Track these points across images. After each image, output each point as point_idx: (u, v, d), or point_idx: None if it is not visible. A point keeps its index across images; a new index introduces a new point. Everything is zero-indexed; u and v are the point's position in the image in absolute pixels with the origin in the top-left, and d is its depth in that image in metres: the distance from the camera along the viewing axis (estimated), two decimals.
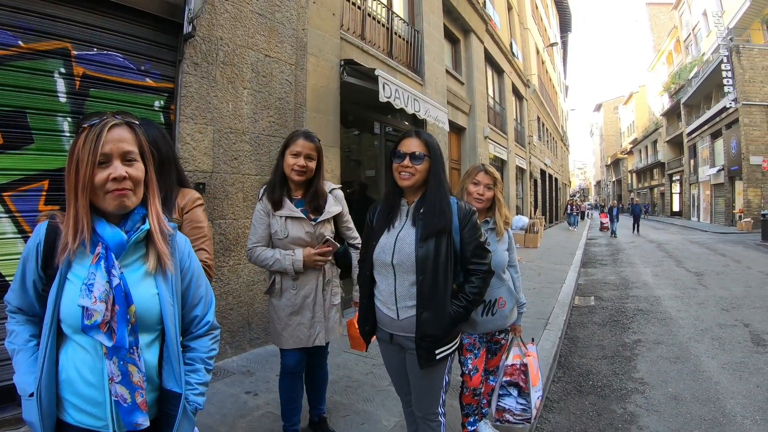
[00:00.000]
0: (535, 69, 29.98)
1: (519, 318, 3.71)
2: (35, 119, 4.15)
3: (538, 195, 31.23)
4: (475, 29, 15.93)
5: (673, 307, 8.93)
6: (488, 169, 3.46)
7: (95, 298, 1.56)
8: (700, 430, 4.17)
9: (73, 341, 1.64)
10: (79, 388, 1.62)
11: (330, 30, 7.65)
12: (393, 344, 2.75)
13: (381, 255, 2.66)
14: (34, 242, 1.69)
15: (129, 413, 1.62)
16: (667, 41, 49.67)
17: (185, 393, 1.76)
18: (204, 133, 5.40)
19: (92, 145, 1.59)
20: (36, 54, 4.16)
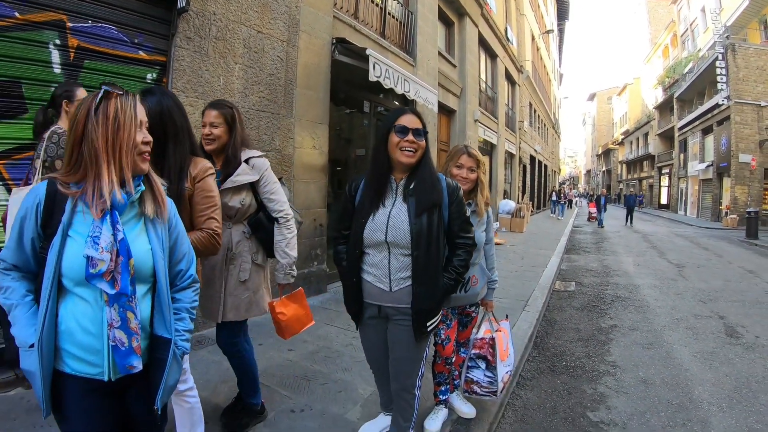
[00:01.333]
0: (530, 55, 29.97)
1: (490, 294, 3.86)
2: (30, 89, 4.24)
3: (526, 180, 31.39)
4: (470, 12, 15.94)
5: (651, 296, 9.11)
6: (471, 151, 3.52)
7: (101, 248, 1.72)
8: (666, 413, 4.30)
9: (73, 294, 1.78)
10: (79, 338, 1.77)
11: (323, 8, 7.73)
12: (380, 316, 2.86)
13: (373, 234, 2.73)
14: (33, 201, 1.81)
15: (125, 356, 1.77)
16: (664, 35, 49.59)
17: (174, 339, 1.93)
18: (195, 106, 5.47)
19: (133, 111, 1.80)
20: (31, 25, 4.23)
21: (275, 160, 6.61)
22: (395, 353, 2.90)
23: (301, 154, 7.11)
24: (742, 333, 6.77)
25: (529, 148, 30.88)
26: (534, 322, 6.64)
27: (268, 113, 6.51)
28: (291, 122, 6.95)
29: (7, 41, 4.10)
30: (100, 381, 1.79)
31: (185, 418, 2.86)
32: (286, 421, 3.68)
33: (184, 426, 2.88)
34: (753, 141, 29.25)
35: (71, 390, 1.80)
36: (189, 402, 2.84)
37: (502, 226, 19.32)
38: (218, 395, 4.05)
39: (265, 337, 5.35)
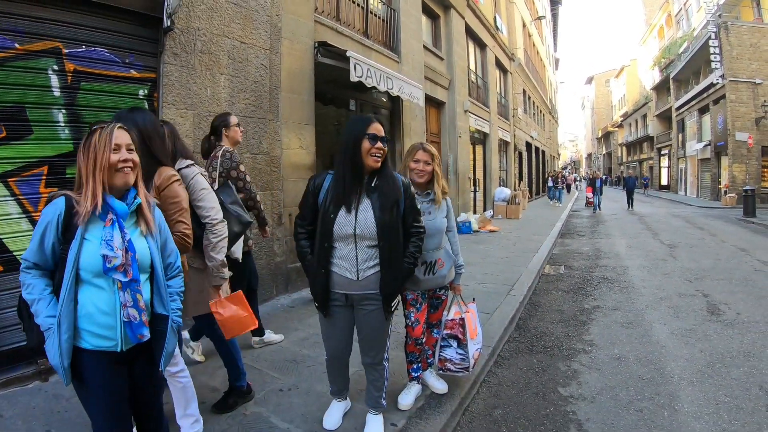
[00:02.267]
0: (521, 42, 29.97)
1: (458, 278, 4.24)
2: (33, 112, 4.68)
3: (523, 167, 31.48)
4: (455, 5, 16.09)
5: (638, 276, 9.30)
6: (426, 147, 3.91)
7: (116, 248, 2.26)
8: (636, 388, 4.50)
9: (90, 284, 2.28)
10: (97, 318, 2.28)
11: (304, 14, 8.10)
12: (346, 304, 3.29)
13: (342, 228, 3.08)
14: (54, 213, 2.29)
15: (138, 328, 2.32)
16: (659, 15, 49.36)
17: (170, 315, 2.50)
18: (185, 117, 5.93)
19: (107, 138, 2.31)
20: (31, 54, 4.67)
21: (264, 162, 7.04)
22: (365, 334, 3.37)
23: (288, 154, 7.50)
24: (724, 310, 6.89)
25: (524, 134, 30.92)
26: (517, 305, 6.90)
27: (255, 119, 6.93)
28: (278, 125, 7.34)
29: (10, 70, 4.52)
30: (113, 352, 2.31)
31: (180, 395, 3.32)
32: (275, 399, 4.10)
33: (179, 402, 3.34)
34: (749, 119, 29.35)
35: (91, 362, 2.30)
36: (181, 382, 3.30)
37: (498, 213, 19.56)
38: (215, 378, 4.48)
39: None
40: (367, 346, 3.42)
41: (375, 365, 3.47)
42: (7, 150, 4.51)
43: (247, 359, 4.87)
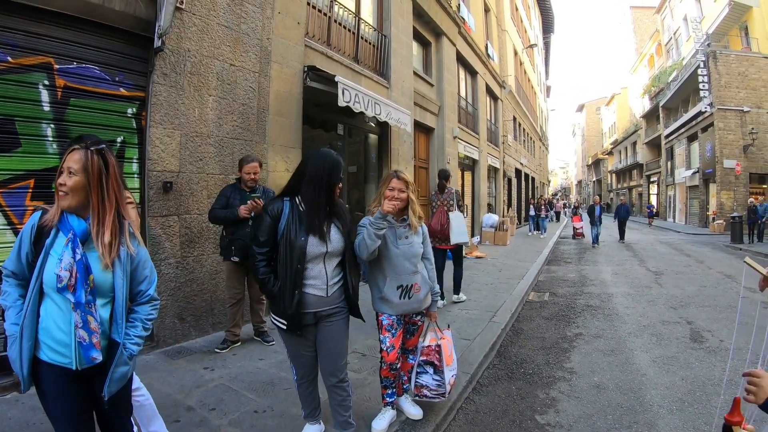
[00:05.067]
0: (512, 70, 30.31)
1: (433, 305, 4.31)
2: (22, 125, 4.80)
3: (512, 194, 31.61)
4: (446, 32, 16.24)
5: (622, 304, 9.31)
6: (400, 175, 4.00)
7: (62, 268, 2.29)
8: (614, 416, 4.49)
9: (50, 299, 2.35)
10: (54, 334, 2.33)
11: (294, 38, 8.24)
12: (313, 323, 3.43)
13: (316, 248, 3.28)
14: (30, 225, 2.41)
15: (87, 349, 2.33)
16: (649, 44, 50.16)
17: (123, 341, 2.48)
18: (172, 137, 6.03)
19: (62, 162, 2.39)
20: (22, 68, 4.80)
21: None
22: (329, 349, 3.49)
23: (274, 177, 7.55)
24: (707, 337, 6.93)
25: (513, 161, 31.10)
26: (498, 332, 6.90)
27: (242, 140, 7.02)
28: (264, 148, 7.44)
29: (1, 83, 4.63)
30: (69, 369, 2.35)
31: (141, 413, 3.38)
32: (249, 420, 4.14)
33: (141, 420, 3.40)
34: (737, 146, 29.65)
35: (48, 374, 2.36)
36: (138, 400, 3.34)
37: (485, 239, 19.53)
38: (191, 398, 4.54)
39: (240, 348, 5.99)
40: (332, 364, 3.53)
41: (341, 383, 3.57)
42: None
43: (224, 380, 4.98)
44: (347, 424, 3.65)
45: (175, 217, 6.12)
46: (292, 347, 3.57)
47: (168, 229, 6.02)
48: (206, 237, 6.50)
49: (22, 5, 4.73)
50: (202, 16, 6.41)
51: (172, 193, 6.03)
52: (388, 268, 3.94)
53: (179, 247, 6.16)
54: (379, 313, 4.01)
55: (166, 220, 5.99)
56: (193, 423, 4.05)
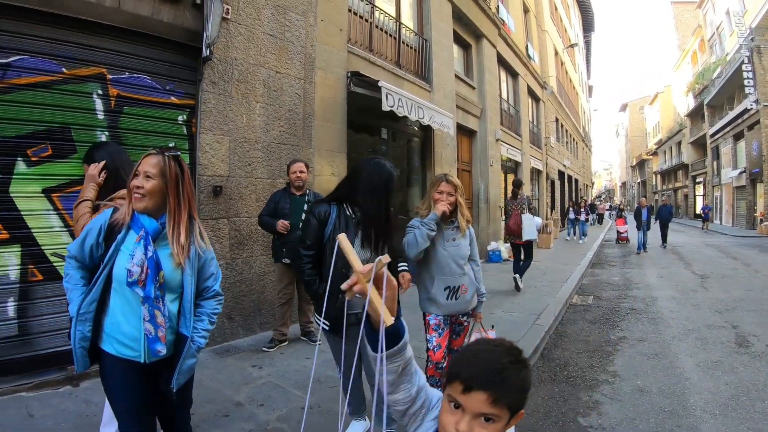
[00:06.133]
0: (553, 71, 29.96)
1: (479, 306, 4.35)
2: (78, 133, 5.06)
3: (555, 196, 31.25)
4: (486, 34, 16.15)
5: (667, 307, 9.11)
6: (449, 178, 4.08)
7: (133, 263, 2.37)
8: (656, 420, 4.43)
9: (119, 294, 2.46)
10: (123, 328, 2.45)
11: (337, 45, 8.34)
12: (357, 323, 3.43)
13: (360, 254, 3.25)
14: (98, 221, 2.53)
15: (153, 342, 2.42)
16: (692, 40, 48.91)
17: (192, 335, 2.56)
18: (221, 142, 6.21)
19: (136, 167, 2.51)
20: (77, 78, 5.07)
21: None
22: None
23: (320, 181, 7.64)
24: (752, 342, 6.74)
25: (556, 163, 30.72)
26: (542, 335, 6.86)
27: (289, 145, 7.16)
28: (310, 152, 7.55)
29: (57, 93, 4.92)
30: (137, 362, 2.44)
31: None
32: (297, 416, 4.23)
33: None
34: None
35: (113, 366, 2.47)
36: None
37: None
38: (240, 394, 4.63)
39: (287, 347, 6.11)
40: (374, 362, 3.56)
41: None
42: (52, 167, 4.89)
43: (272, 377, 5.08)
44: (391, 421, 3.68)
45: (224, 220, 6.28)
46: (335, 347, 3.62)
47: (218, 231, 6.17)
48: (255, 239, 6.65)
49: (76, 19, 4.98)
50: (247, 26, 6.55)
51: (221, 197, 6.20)
52: (435, 270, 4.02)
53: (228, 249, 6.29)
54: (426, 313, 4.08)
55: (216, 223, 6.14)
56: (242, 418, 4.15)
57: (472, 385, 1.28)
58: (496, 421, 1.30)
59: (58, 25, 4.90)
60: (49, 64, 4.90)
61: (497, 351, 1.37)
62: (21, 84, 4.73)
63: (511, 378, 1.31)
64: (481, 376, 1.28)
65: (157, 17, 5.59)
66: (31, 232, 4.79)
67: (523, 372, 1.35)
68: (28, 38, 4.77)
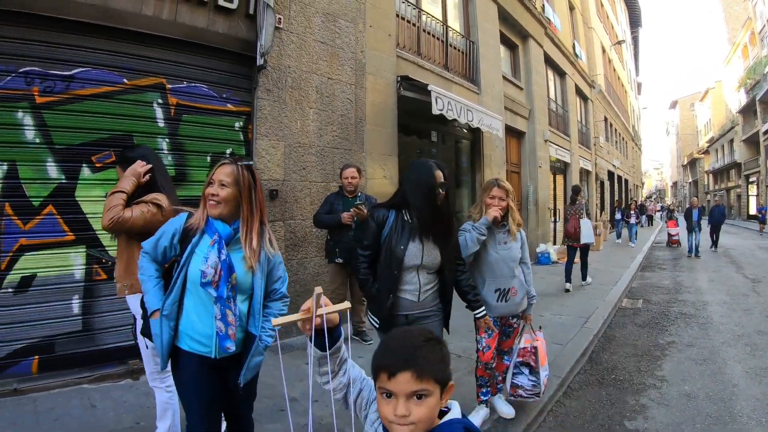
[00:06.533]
0: (601, 69, 29.48)
1: (529, 308, 4.41)
2: (140, 140, 5.30)
3: (605, 197, 30.76)
4: (533, 34, 16.04)
5: (717, 312, 8.90)
6: (500, 183, 4.14)
7: (208, 265, 2.50)
8: (702, 425, 4.42)
9: (192, 294, 2.62)
10: (196, 326, 2.61)
11: (386, 50, 8.44)
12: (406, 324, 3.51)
13: (412, 259, 3.37)
14: (173, 224, 2.71)
15: (223, 339, 2.55)
16: (742, 33, 47.20)
17: (260, 334, 2.70)
18: (276, 147, 6.38)
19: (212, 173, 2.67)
20: (138, 88, 5.33)
21: None
22: None
23: (372, 184, 7.76)
24: None
25: (606, 163, 30.21)
26: (591, 338, 6.83)
27: (342, 149, 7.28)
28: (363, 156, 7.67)
29: (119, 102, 5.18)
30: (208, 357, 2.58)
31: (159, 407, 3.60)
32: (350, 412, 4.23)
33: None
34: None
35: (187, 362, 2.64)
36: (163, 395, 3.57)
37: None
38: (295, 390, 4.71)
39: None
40: None
41: None
42: (116, 173, 4.99)
43: None
44: None
45: (280, 223, 6.46)
46: None
47: (274, 233, 6.20)
48: (309, 241, 6.82)
49: (135, 32, 5.22)
50: (299, 34, 6.71)
51: (277, 200, 6.38)
52: (486, 272, 4.11)
53: (284, 251, 6.41)
54: None
55: (271, 226, 6.15)
56: (297, 412, 4.26)
57: (395, 369, 1.41)
58: (429, 396, 1.42)
59: (119, 38, 5.15)
60: (110, 75, 5.15)
61: (409, 335, 1.55)
62: (84, 94, 4.99)
63: (426, 353, 1.45)
64: (400, 359, 1.42)
65: (213, 28, 5.81)
66: (95, 234, 5.06)
67: (437, 347, 1.50)
68: (90, 51, 5.03)
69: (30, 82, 4.71)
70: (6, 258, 4.64)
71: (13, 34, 4.63)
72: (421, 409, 1.42)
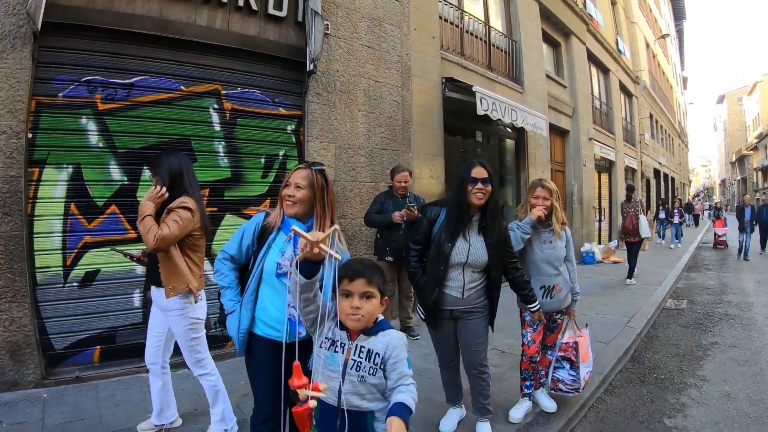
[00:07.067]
0: (645, 64, 28.89)
1: (573, 304, 4.52)
2: (197, 143, 5.61)
3: (651, 195, 30.21)
4: (575, 31, 15.91)
5: (762, 314, 8.76)
6: (545, 184, 4.25)
7: (285, 258, 2.72)
8: (740, 426, 4.44)
9: (267, 284, 2.84)
10: (270, 312, 2.83)
11: (431, 52, 8.57)
12: (450, 318, 3.74)
13: (457, 256, 3.56)
14: (252, 223, 2.97)
15: (294, 325, 2.72)
16: None
17: None
18: (327, 149, 6.57)
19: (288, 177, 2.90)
20: (195, 95, 5.60)
21: None
22: (467, 343, 3.79)
23: (420, 183, 7.87)
24: None
25: (651, 161, 29.63)
26: (633, 337, 6.87)
27: (390, 150, 7.44)
28: (410, 156, 7.81)
29: (177, 108, 5.47)
30: (279, 341, 2.72)
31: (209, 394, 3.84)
32: None
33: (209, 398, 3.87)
34: None
35: (260, 345, 2.87)
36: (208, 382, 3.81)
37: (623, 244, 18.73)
38: None
39: None
40: (471, 356, 3.81)
41: (481, 374, 3.82)
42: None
43: None
44: (485, 410, 3.93)
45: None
46: (433, 338, 3.96)
47: None
48: (359, 239, 7.00)
49: (191, 42, 5.50)
50: (346, 39, 6.90)
51: None
52: (532, 270, 4.24)
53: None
54: (522, 310, 4.25)
55: None
56: None
57: (353, 276, 2.23)
58: (373, 297, 2.27)
59: (175, 47, 5.43)
60: (168, 82, 5.42)
61: (363, 261, 2.47)
62: (144, 101, 5.28)
63: (373, 271, 2.30)
64: (357, 270, 2.25)
65: (264, 36, 6.05)
66: None
67: (379, 271, 2.37)
68: (148, 60, 5.32)
69: (92, 90, 5.00)
70: (72, 254, 4.91)
71: (77, 45, 4.92)
72: (368, 306, 2.24)
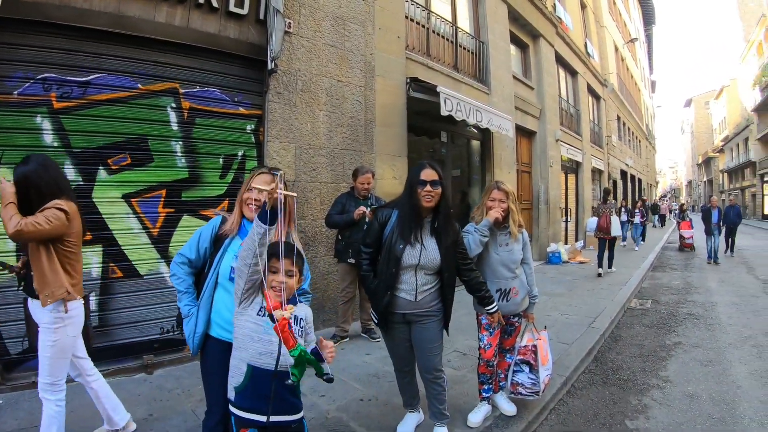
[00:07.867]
0: (614, 67, 29.18)
1: (531, 307, 4.51)
2: (154, 143, 5.53)
3: (618, 197, 30.53)
4: (543, 33, 15.99)
5: (725, 313, 8.88)
6: (501, 186, 4.25)
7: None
8: (704, 427, 4.46)
9: (222, 287, 2.90)
10: (224, 315, 2.87)
11: (396, 52, 8.54)
12: (403, 322, 3.73)
13: (409, 258, 3.54)
14: (209, 226, 3.04)
15: None
16: (757, 30, 46.50)
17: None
18: (287, 149, 6.52)
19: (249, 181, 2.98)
20: (152, 93, 5.51)
21: None
22: (422, 348, 3.78)
23: (382, 184, 7.83)
24: None
25: (619, 162, 29.96)
26: (597, 338, 6.88)
27: (351, 151, 7.40)
28: (372, 157, 7.78)
29: (134, 107, 5.38)
30: (230, 342, 2.74)
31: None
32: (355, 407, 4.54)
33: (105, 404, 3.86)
34: None
35: (213, 346, 2.92)
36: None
37: (590, 244, 18.80)
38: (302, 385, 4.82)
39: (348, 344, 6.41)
40: (426, 360, 3.79)
41: (436, 379, 3.82)
42: (131, 174, 5.38)
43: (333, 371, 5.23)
44: (442, 416, 3.91)
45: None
46: (387, 340, 3.94)
47: None
48: (319, 240, 6.97)
49: (148, 39, 5.40)
50: (308, 38, 6.85)
51: None
52: (488, 273, 4.23)
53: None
54: (478, 314, 4.24)
55: None
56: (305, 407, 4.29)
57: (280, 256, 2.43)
58: (294, 276, 2.64)
59: (133, 44, 5.33)
60: (125, 80, 5.33)
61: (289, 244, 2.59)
62: (100, 100, 5.18)
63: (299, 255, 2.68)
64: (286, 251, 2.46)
65: (224, 34, 5.97)
66: (111, 234, 5.28)
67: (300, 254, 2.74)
68: (105, 58, 5.22)
69: (48, 88, 4.90)
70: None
71: (33, 42, 4.82)
72: (291, 281, 2.60)
